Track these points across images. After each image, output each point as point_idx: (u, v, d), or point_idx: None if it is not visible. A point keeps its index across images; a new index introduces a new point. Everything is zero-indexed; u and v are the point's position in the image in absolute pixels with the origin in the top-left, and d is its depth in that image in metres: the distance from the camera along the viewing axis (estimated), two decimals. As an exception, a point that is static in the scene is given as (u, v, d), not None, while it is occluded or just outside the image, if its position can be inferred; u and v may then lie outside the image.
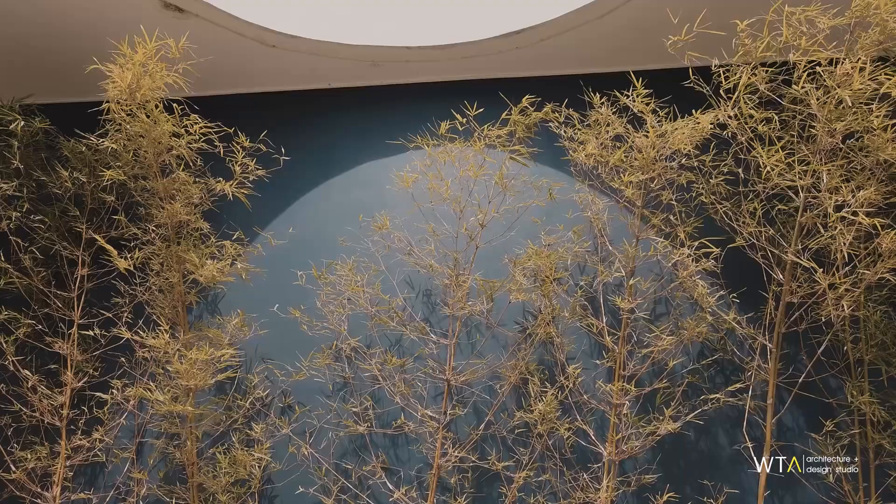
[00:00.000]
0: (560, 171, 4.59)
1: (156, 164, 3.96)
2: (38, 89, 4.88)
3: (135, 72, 3.64)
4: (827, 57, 3.10)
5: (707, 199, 3.93)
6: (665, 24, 3.69)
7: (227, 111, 4.91)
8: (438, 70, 5.08)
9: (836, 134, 3.20)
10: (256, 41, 4.71)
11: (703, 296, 3.85)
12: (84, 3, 4.25)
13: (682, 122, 3.58)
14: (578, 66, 4.93)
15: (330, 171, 4.93)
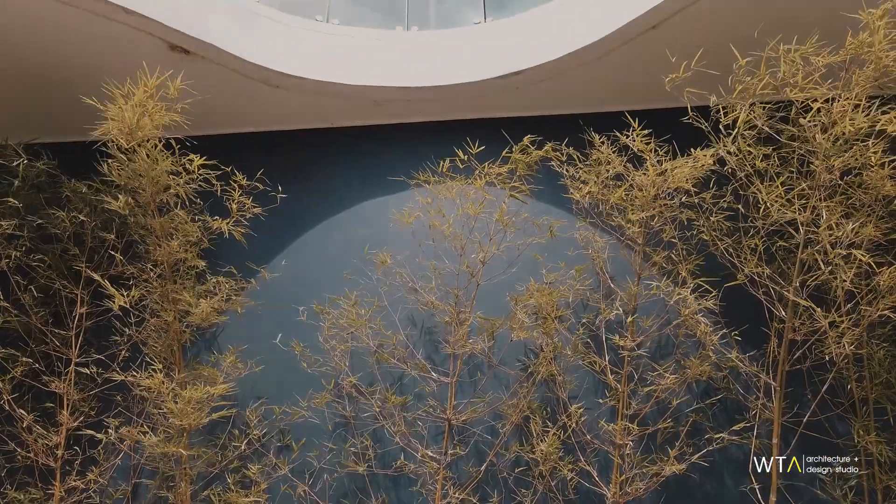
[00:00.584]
0: (561, 209, 4.61)
1: (154, 203, 3.97)
2: (44, 128, 4.93)
3: (134, 112, 3.68)
4: (823, 94, 3.14)
5: (708, 237, 3.93)
6: (663, 64, 3.75)
7: (230, 150, 4.95)
8: (440, 109, 5.15)
9: (834, 170, 3.22)
10: (261, 82, 4.78)
11: (705, 334, 3.82)
12: (93, 46, 4.33)
13: (681, 161, 3.61)
14: (578, 106, 4.99)
15: (332, 209, 4.95)
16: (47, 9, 3.97)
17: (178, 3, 4.35)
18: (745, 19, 3.89)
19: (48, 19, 4.09)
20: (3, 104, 4.71)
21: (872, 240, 3.21)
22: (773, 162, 3.39)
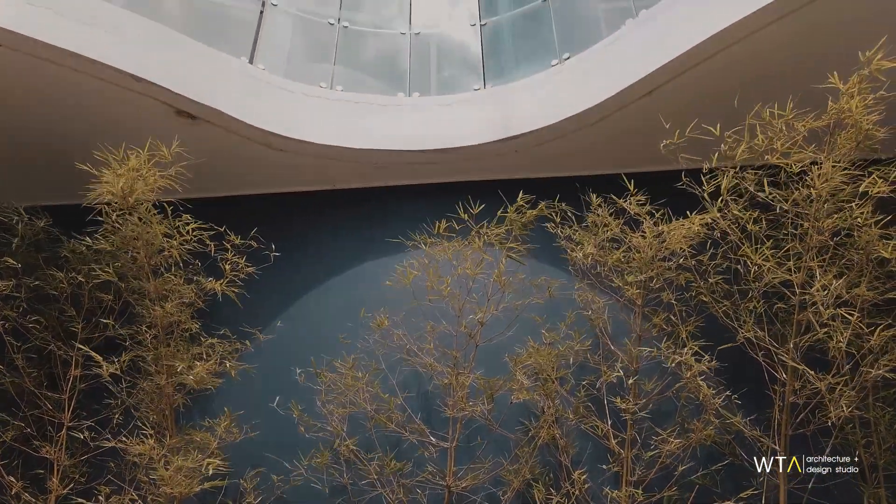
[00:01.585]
0: (559, 270, 4.61)
1: (148, 265, 3.99)
2: (47, 190, 5.00)
3: (128, 177, 3.74)
4: (808, 158, 3.20)
5: (706, 299, 3.91)
6: (658, 129, 3.82)
7: (230, 212, 5.01)
8: (440, 172, 5.23)
9: (824, 232, 3.24)
10: (264, 145, 4.89)
11: (707, 397, 3.76)
12: (100, 110, 4.45)
13: (676, 224, 3.64)
14: (575, 168, 5.07)
15: (331, 270, 4.97)
16: (57, 75, 4.10)
17: (185, 70, 4.50)
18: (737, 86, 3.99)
19: (57, 85, 4.22)
20: (8, 166, 4.80)
21: (867, 300, 3.20)
22: (763, 225, 3.41)
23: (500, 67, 5.72)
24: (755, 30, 3.97)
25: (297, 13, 5.85)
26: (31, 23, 3.91)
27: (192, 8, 5.36)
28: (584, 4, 5.52)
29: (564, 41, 5.27)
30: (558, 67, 5.07)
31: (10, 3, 3.89)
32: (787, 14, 3.84)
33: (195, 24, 5.19)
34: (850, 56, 3.19)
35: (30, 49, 3.92)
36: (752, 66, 4.22)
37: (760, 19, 3.90)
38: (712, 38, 4.04)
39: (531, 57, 5.53)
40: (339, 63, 5.71)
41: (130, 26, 4.38)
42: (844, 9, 3.80)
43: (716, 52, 4.14)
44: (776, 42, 4.04)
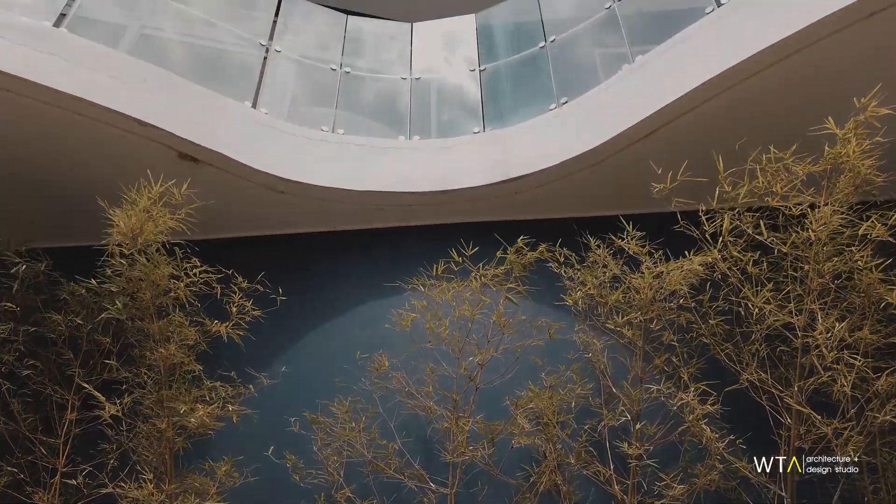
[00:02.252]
0: (559, 311, 4.59)
1: (153, 307, 3.98)
2: (48, 232, 5.03)
3: (138, 218, 3.76)
4: (807, 201, 3.22)
5: (708, 340, 3.89)
6: (655, 172, 3.86)
7: (232, 253, 5.03)
8: (439, 213, 5.26)
9: (825, 274, 3.24)
10: (266, 187, 4.93)
11: (711, 440, 3.70)
12: (103, 154, 4.51)
13: (676, 264, 3.64)
14: (574, 210, 5.11)
15: (331, 312, 4.95)
16: (62, 118, 4.17)
17: (189, 114, 4.57)
18: (734, 130, 4.05)
19: (62, 128, 4.29)
20: (11, 208, 4.83)
21: (871, 343, 3.18)
22: (763, 267, 3.41)
23: (500, 111, 5.81)
24: (749, 75, 4.06)
25: (300, 59, 5.98)
26: (38, 68, 4.00)
27: (195, 53, 5.48)
28: (581, 51, 5.64)
29: (562, 86, 5.37)
30: (556, 111, 5.15)
31: (18, 51, 3.99)
32: (781, 60, 3.93)
33: (199, 68, 5.29)
34: (846, 101, 3.24)
35: (36, 94, 4.00)
36: (748, 109, 4.29)
37: (754, 65, 3.99)
38: (707, 84, 4.13)
39: (529, 101, 5.63)
40: (340, 107, 5.81)
41: (135, 71, 4.47)
42: (839, 55, 3.89)
43: (711, 96, 4.22)
44: (771, 87, 4.12)
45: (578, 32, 5.64)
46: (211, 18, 5.65)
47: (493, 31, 6.42)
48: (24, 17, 4.28)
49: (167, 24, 5.44)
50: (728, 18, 4.25)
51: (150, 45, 5.21)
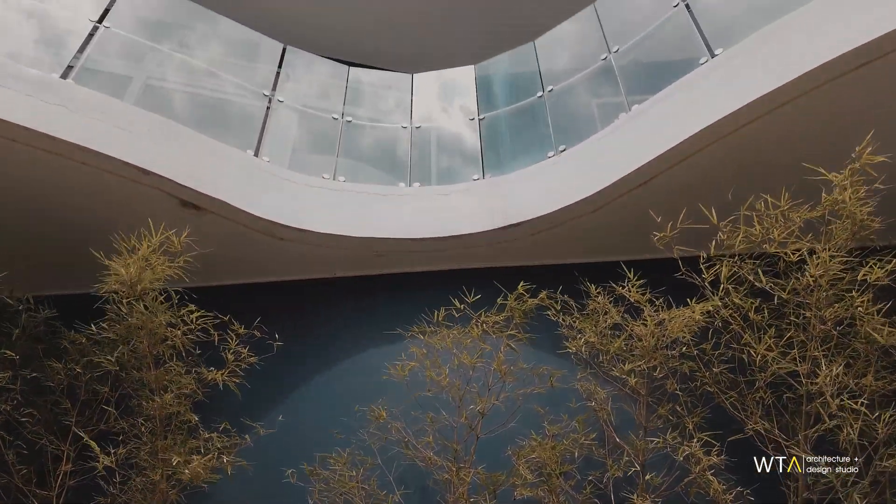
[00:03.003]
0: (561, 359, 4.54)
1: (150, 355, 3.94)
2: (48, 280, 5.03)
3: (136, 266, 3.76)
4: (805, 247, 3.22)
5: (711, 389, 3.84)
6: (653, 218, 3.87)
7: (231, 300, 5.00)
8: (439, 259, 5.27)
9: (827, 321, 3.22)
10: (266, 234, 4.96)
11: (718, 492, 3.61)
12: (107, 201, 4.55)
13: (677, 312, 3.62)
14: (573, 256, 5.12)
15: (330, 360, 4.91)
16: (66, 167, 4.22)
17: (191, 162, 4.63)
18: (731, 177, 4.09)
19: (66, 177, 4.34)
20: (14, 256, 4.84)
21: (876, 390, 3.14)
22: (765, 314, 3.40)
23: (498, 158, 5.89)
24: (744, 123, 4.12)
25: (302, 108, 6.09)
26: (44, 119, 4.07)
27: (200, 103, 5.58)
28: (579, 100, 5.75)
29: (560, 134, 5.45)
30: (555, 159, 5.22)
31: (25, 101, 4.06)
32: (775, 108, 4.00)
33: (203, 117, 5.39)
34: (841, 148, 3.28)
35: (42, 144, 4.06)
36: (745, 156, 4.35)
37: (748, 114, 4.06)
38: (702, 132, 4.20)
39: (528, 149, 5.70)
40: (341, 155, 5.89)
41: (139, 121, 4.54)
42: (832, 104, 3.97)
43: (706, 144, 4.28)
44: (767, 134, 4.18)
45: (575, 82, 5.76)
46: (215, 70, 5.78)
47: (492, 81, 6.56)
48: (33, 69, 4.38)
49: (172, 75, 5.56)
50: (721, 69, 4.35)
51: (155, 95, 5.32)
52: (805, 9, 4.05)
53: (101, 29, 5.07)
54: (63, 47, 4.85)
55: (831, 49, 3.70)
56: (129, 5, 5.39)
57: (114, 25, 5.16)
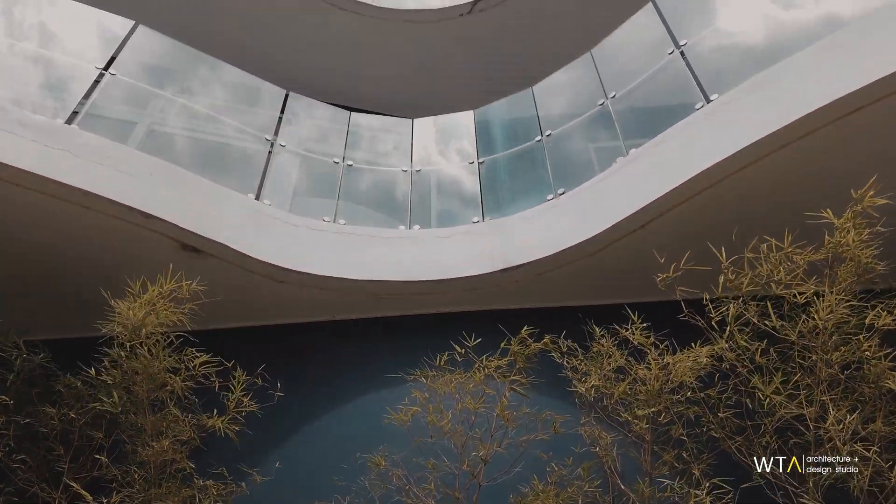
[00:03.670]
0: (564, 403, 4.49)
1: (147, 400, 3.88)
2: (45, 323, 4.98)
3: (141, 310, 3.74)
4: (810, 290, 3.21)
5: (718, 434, 3.77)
6: (654, 260, 3.88)
7: (229, 343, 4.93)
8: (439, 302, 5.25)
9: (833, 364, 3.19)
10: (266, 277, 4.94)
11: (728, 542, 3.52)
12: (107, 245, 4.54)
13: (682, 355, 3.58)
14: (576, 299, 5.10)
15: (329, 404, 4.83)
16: (68, 211, 4.23)
17: (193, 206, 4.65)
18: (730, 219, 4.11)
19: (68, 221, 4.34)
20: (12, 300, 4.80)
21: (885, 435, 3.09)
22: (771, 356, 3.37)
23: (498, 201, 5.92)
24: (742, 167, 4.17)
25: (304, 153, 6.15)
26: (49, 164, 4.10)
27: (203, 147, 5.64)
28: (577, 144, 5.82)
29: (559, 177, 5.50)
30: (554, 202, 5.25)
31: (30, 147, 4.10)
32: (772, 151, 4.06)
33: (206, 162, 5.43)
34: (841, 189, 3.31)
35: (45, 188, 4.08)
36: (744, 199, 4.38)
37: (745, 158, 4.11)
38: (700, 175, 4.24)
39: (527, 191, 5.75)
40: (342, 198, 5.92)
41: (141, 165, 4.58)
42: (831, 147, 4.03)
43: (705, 187, 4.32)
44: (765, 177, 4.23)
45: (573, 127, 5.84)
46: (218, 114, 5.86)
47: (491, 125, 6.65)
48: (38, 114, 4.43)
49: (176, 120, 5.63)
50: (717, 114, 4.42)
51: (159, 140, 5.38)
52: (798, 56, 4.15)
53: (106, 76, 5.15)
54: (68, 93, 4.92)
55: (825, 95, 3.78)
56: (134, 53, 5.49)
57: (119, 72, 5.24)
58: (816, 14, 4.73)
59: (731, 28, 5.11)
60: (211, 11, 8.63)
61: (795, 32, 4.64)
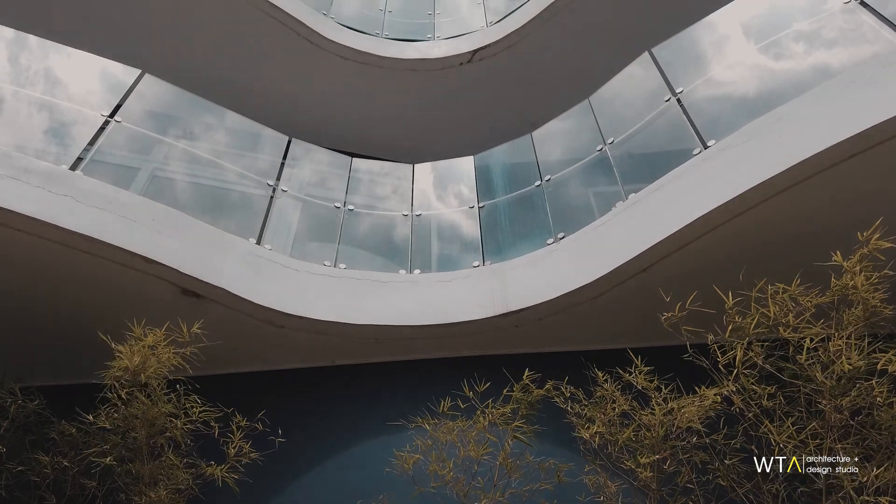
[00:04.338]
0: (568, 450, 4.39)
1: (146, 447, 3.80)
2: (42, 369, 4.91)
3: (143, 354, 3.71)
4: (817, 333, 3.19)
5: (725, 482, 3.69)
6: (657, 305, 3.87)
7: (229, 389, 4.88)
8: (440, 347, 5.21)
9: (843, 410, 3.15)
10: (266, 322, 4.91)
11: None
12: (107, 290, 4.53)
13: (687, 399, 3.54)
14: (578, 343, 5.06)
15: (328, 451, 4.74)
16: (69, 256, 4.23)
17: (194, 251, 4.65)
18: (733, 262, 4.11)
19: (68, 266, 4.34)
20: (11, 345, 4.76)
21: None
22: (779, 401, 3.32)
23: (498, 245, 5.94)
24: (741, 211, 4.21)
25: (305, 197, 6.20)
26: (52, 210, 4.12)
27: (205, 192, 5.69)
28: (576, 188, 5.88)
29: (559, 221, 5.54)
30: (554, 246, 5.27)
31: (33, 193, 4.13)
32: (771, 196, 4.10)
33: (208, 207, 5.47)
34: (844, 232, 3.33)
35: (48, 234, 4.09)
36: (745, 243, 4.40)
37: (744, 202, 4.15)
38: (699, 220, 4.27)
39: (527, 236, 5.77)
40: (343, 242, 5.94)
41: (144, 210, 4.60)
42: (829, 191, 4.06)
43: (704, 232, 4.35)
44: (765, 221, 4.26)
45: (573, 172, 5.91)
46: (220, 160, 5.92)
47: (491, 170, 6.73)
48: (43, 160, 4.48)
49: (179, 165, 5.69)
50: (715, 159, 4.48)
51: (162, 185, 5.42)
52: (793, 103, 4.23)
53: (111, 122, 5.22)
54: (72, 139, 4.99)
55: (821, 140, 3.85)
56: (138, 99, 5.58)
57: (124, 119, 5.32)
58: (807, 64, 4.85)
59: (725, 77, 5.24)
60: (215, 59, 8.82)
61: (788, 81, 4.76)
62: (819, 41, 4.87)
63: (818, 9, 4.99)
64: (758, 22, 5.36)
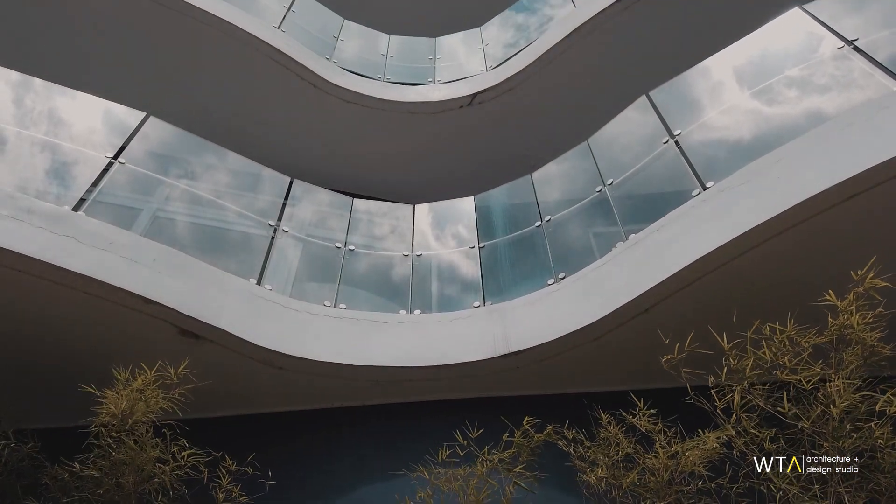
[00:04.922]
0: (571, 495, 4.31)
1: (135, 494, 3.71)
2: (38, 412, 4.85)
3: (129, 398, 3.65)
4: (817, 375, 3.17)
5: (730, 528, 3.61)
6: (659, 346, 3.84)
7: (224, 433, 4.82)
8: (439, 389, 5.15)
9: (846, 452, 3.10)
10: (264, 363, 4.87)
11: None
12: (105, 330, 4.50)
13: (691, 443, 3.48)
14: (579, 385, 5.01)
15: (326, 497, 4.64)
16: (68, 297, 4.22)
17: (194, 291, 4.64)
18: (733, 303, 4.11)
19: (67, 307, 4.32)
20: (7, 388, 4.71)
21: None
22: (781, 443, 3.27)
23: (498, 285, 5.94)
24: (740, 253, 4.21)
25: (306, 238, 6.22)
26: (53, 250, 4.13)
27: (207, 233, 5.71)
28: (576, 229, 5.91)
29: (559, 262, 5.55)
30: (555, 286, 5.26)
31: (35, 233, 4.14)
32: (771, 237, 4.11)
33: (209, 247, 5.48)
34: (841, 272, 3.33)
35: (48, 274, 4.08)
36: (745, 284, 4.39)
37: (744, 243, 4.16)
38: (699, 262, 4.27)
39: (528, 276, 5.78)
40: (343, 282, 5.93)
41: (144, 251, 4.61)
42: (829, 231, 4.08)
43: (704, 273, 4.34)
44: (765, 261, 4.26)
45: (572, 212, 5.95)
46: (221, 200, 5.96)
47: (491, 211, 6.77)
48: (45, 201, 4.50)
49: (181, 206, 5.73)
50: (714, 200, 4.51)
51: (163, 226, 5.44)
52: (789, 146, 4.29)
53: (115, 164, 5.27)
54: (75, 180, 5.02)
55: (820, 181, 3.88)
56: (141, 141, 5.65)
57: (127, 160, 5.38)
58: (800, 109, 4.93)
59: (720, 122, 5.32)
60: (219, 101, 8.96)
61: (783, 125, 4.83)
62: (811, 86, 4.96)
63: (808, 56, 5.11)
64: (750, 69, 5.47)
